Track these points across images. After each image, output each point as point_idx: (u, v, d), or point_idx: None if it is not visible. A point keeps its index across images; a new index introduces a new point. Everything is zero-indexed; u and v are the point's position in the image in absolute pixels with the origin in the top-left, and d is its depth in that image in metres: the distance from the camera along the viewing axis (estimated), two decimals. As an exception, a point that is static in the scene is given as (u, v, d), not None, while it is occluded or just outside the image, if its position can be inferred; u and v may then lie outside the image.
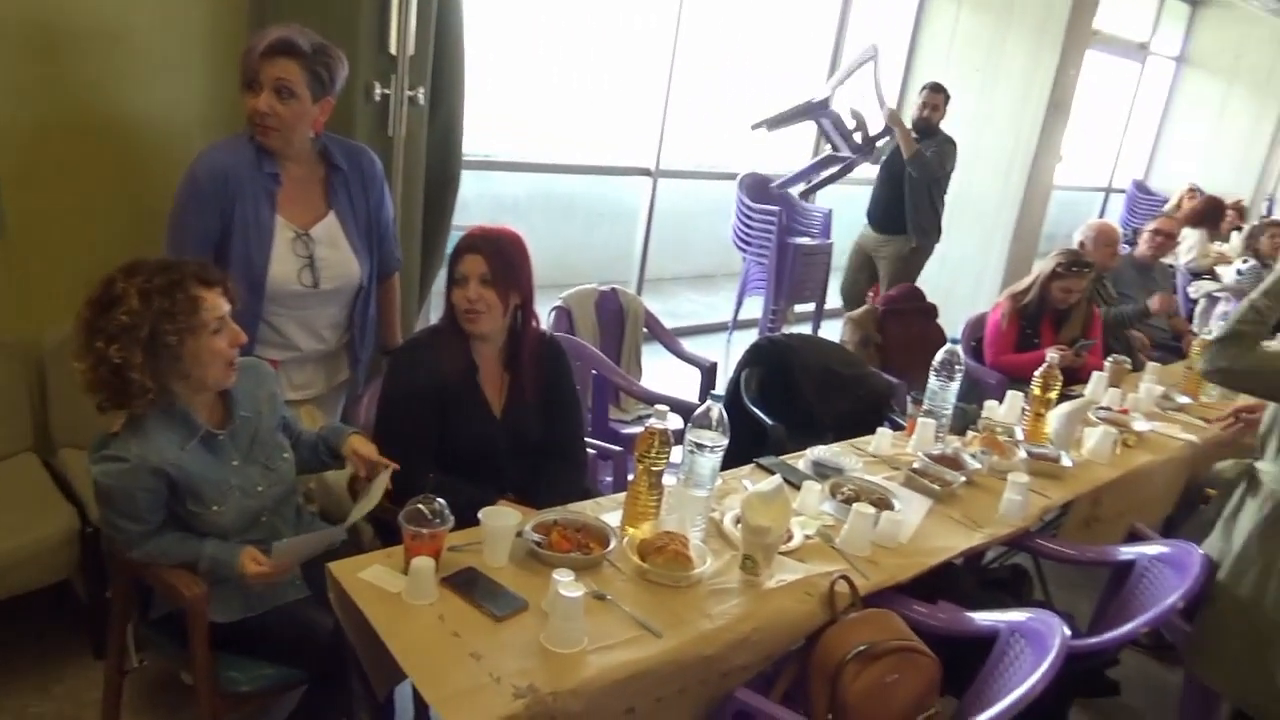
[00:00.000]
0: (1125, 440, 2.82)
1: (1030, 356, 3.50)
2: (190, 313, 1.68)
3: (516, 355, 2.13)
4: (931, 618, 1.88)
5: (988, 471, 2.45)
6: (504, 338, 2.13)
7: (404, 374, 2.09)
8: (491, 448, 2.10)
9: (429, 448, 2.06)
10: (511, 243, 2.05)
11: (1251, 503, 2.13)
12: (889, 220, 5.15)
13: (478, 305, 2.01)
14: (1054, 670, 1.55)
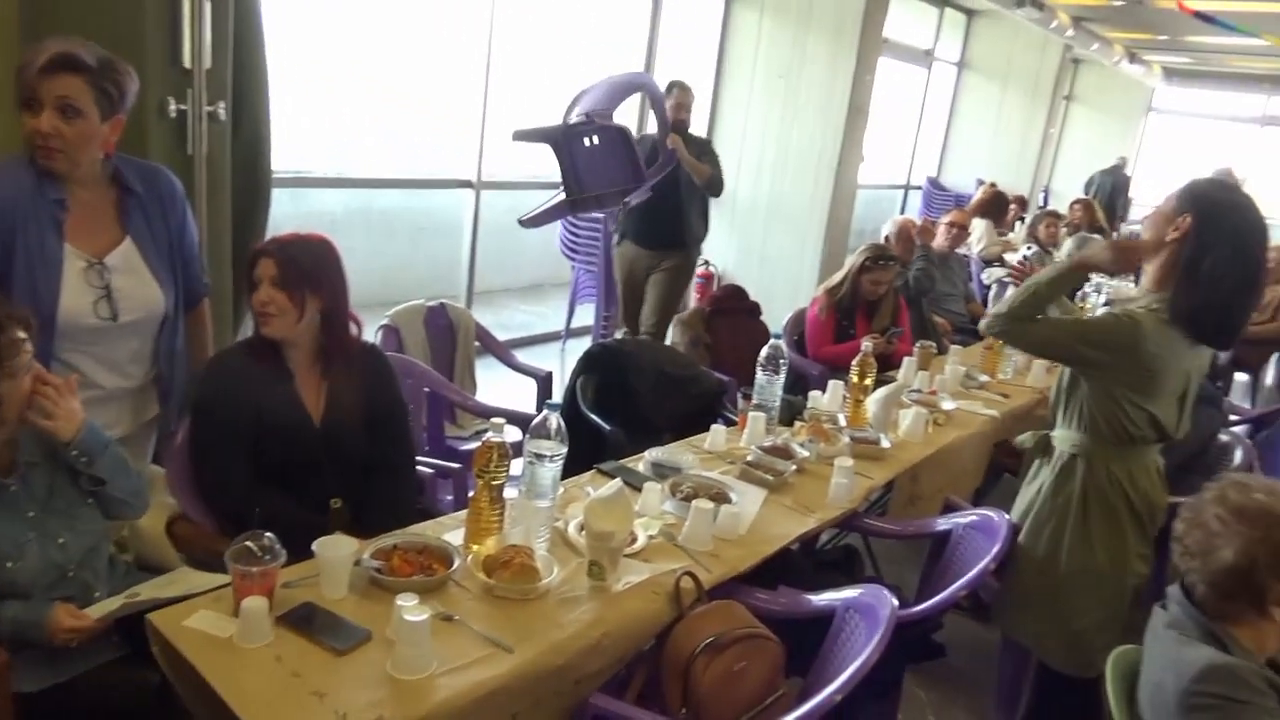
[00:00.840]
0: (935, 419, 3.03)
1: (847, 347, 3.70)
2: (12, 356, 1.55)
3: (331, 362, 2.07)
4: (773, 603, 1.96)
5: (816, 459, 2.57)
6: (315, 343, 2.06)
7: (215, 385, 2.02)
8: (313, 457, 2.04)
9: (245, 458, 1.99)
10: (307, 246, 2.01)
11: (1045, 467, 2.33)
12: (662, 236, 4.76)
13: (269, 308, 1.97)
14: (886, 640, 1.65)
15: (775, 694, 1.76)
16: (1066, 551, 2.24)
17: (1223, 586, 1.52)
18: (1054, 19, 8.27)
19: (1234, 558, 1.50)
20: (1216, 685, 1.42)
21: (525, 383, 3.61)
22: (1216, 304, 2.01)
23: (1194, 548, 1.57)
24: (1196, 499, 1.61)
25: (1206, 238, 1.99)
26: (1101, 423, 2.14)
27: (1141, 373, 2.05)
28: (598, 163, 4.06)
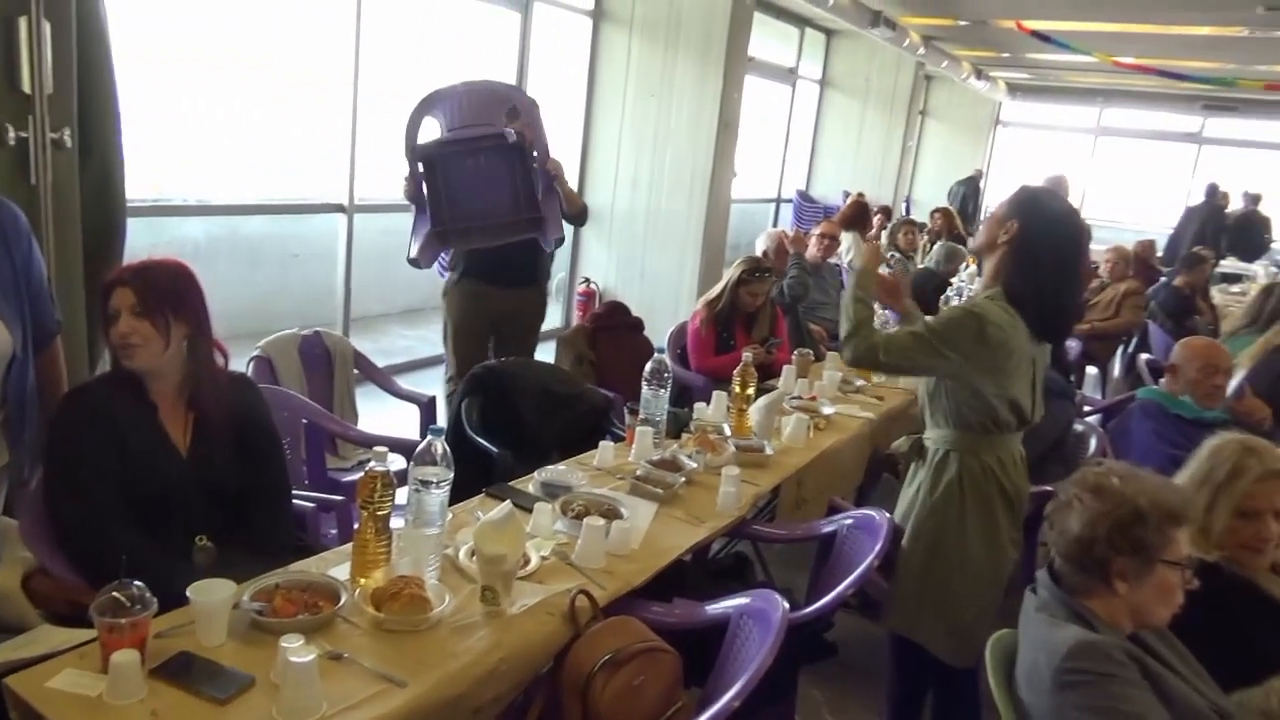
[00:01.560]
0: (816, 424, 3.13)
1: (729, 358, 3.77)
2: None
3: (198, 391, 1.98)
4: (668, 615, 1.97)
5: (704, 469, 2.60)
6: (181, 374, 1.97)
7: (71, 422, 1.90)
8: (181, 491, 1.94)
9: (108, 498, 1.87)
10: (165, 271, 1.92)
11: (921, 469, 2.43)
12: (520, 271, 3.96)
13: (132, 339, 1.87)
14: (779, 643, 1.68)
15: (675, 706, 1.77)
16: (949, 547, 2.31)
17: (1072, 558, 1.62)
18: (906, 38, 8.70)
19: (1079, 529, 1.60)
20: (1084, 661, 1.51)
21: (408, 409, 3.54)
22: (1044, 300, 2.18)
23: (1055, 523, 1.67)
24: (1069, 480, 1.71)
25: (1032, 242, 2.16)
26: (969, 416, 2.25)
27: (994, 357, 2.15)
28: (479, 188, 3.57)
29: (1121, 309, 6.26)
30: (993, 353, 2.15)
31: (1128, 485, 1.62)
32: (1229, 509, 1.93)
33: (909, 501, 2.43)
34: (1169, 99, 12.81)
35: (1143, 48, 8.97)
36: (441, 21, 7.20)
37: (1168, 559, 1.59)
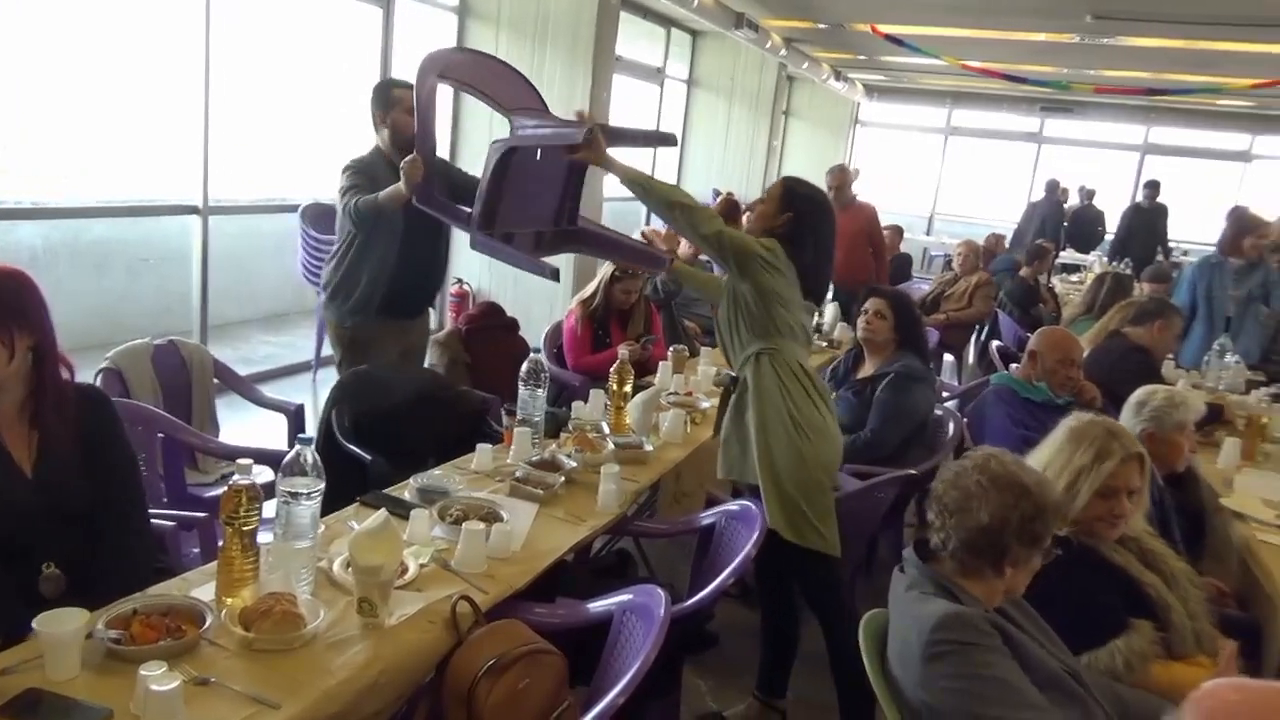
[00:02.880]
0: (693, 418, 3.18)
1: (605, 355, 3.79)
2: None
3: (42, 407, 1.84)
4: (552, 616, 1.97)
5: (583, 468, 2.60)
6: (24, 390, 1.82)
7: None
8: (26, 513, 1.79)
9: None
10: (3, 280, 1.78)
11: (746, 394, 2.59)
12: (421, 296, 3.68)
13: None
14: (663, 637, 1.70)
15: (561, 706, 1.76)
16: (791, 437, 2.49)
17: (973, 544, 1.69)
18: (769, 40, 8.93)
19: (988, 519, 1.67)
20: (950, 632, 1.59)
21: (275, 419, 3.39)
22: (813, 272, 2.61)
23: (952, 506, 1.73)
24: (959, 463, 1.78)
25: (802, 229, 2.57)
26: (773, 325, 2.54)
27: (791, 284, 2.55)
28: (531, 188, 2.88)
29: (974, 299, 6.62)
30: (790, 282, 2.54)
31: (1027, 476, 1.71)
32: (1092, 488, 2.06)
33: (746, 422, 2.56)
34: (1011, 100, 13.61)
35: (986, 52, 9.50)
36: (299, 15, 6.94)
37: (1045, 546, 1.71)
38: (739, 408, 2.61)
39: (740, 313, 2.58)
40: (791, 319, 2.57)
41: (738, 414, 2.61)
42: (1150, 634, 1.97)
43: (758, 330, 2.55)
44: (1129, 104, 12.59)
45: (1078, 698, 1.66)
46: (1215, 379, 4.45)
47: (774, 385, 2.52)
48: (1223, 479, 3.12)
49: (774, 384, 2.52)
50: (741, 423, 2.58)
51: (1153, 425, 2.68)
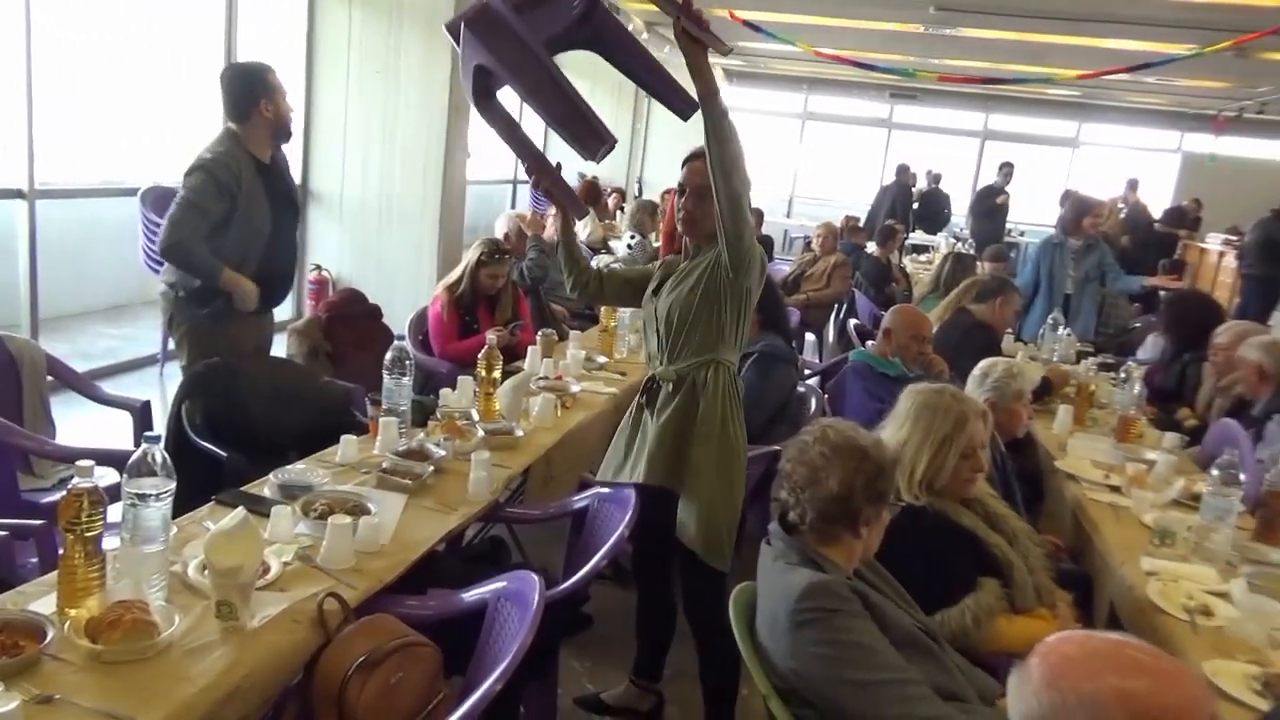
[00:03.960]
0: (563, 403, 3.18)
1: (473, 342, 3.74)
2: None
3: None
4: (424, 608, 1.93)
5: (453, 456, 2.56)
6: None
7: None
8: None
9: None
10: None
11: (678, 394, 2.47)
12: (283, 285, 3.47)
13: None
14: (537, 622, 1.70)
15: (436, 698, 1.74)
16: (731, 455, 2.44)
17: (827, 512, 1.77)
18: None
19: (837, 487, 1.75)
20: (814, 600, 1.66)
21: (118, 416, 3.19)
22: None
23: (802, 481, 1.80)
24: (800, 439, 1.85)
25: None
26: (738, 334, 2.46)
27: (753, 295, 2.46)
28: None
29: (832, 279, 6.87)
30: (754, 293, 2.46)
31: (862, 439, 1.80)
32: (957, 454, 2.18)
33: (687, 432, 2.44)
34: (862, 87, 14.13)
35: (838, 40, 9.82)
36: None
37: (890, 501, 1.82)
38: (684, 411, 2.44)
39: (715, 313, 2.40)
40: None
41: (681, 417, 2.44)
42: (996, 590, 2.11)
43: (725, 336, 2.43)
44: (970, 92, 13.27)
45: (932, 653, 1.76)
46: (1049, 351, 4.77)
47: (726, 398, 2.43)
48: (1057, 443, 3.36)
49: (726, 397, 2.43)
50: (684, 429, 2.44)
51: (994, 395, 2.86)
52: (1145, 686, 1.06)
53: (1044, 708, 1.09)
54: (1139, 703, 1.04)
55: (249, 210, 3.11)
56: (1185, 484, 2.86)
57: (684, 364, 2.44)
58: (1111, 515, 2.71)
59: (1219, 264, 10.26)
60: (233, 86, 3.15)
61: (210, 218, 3.04)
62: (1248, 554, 2.41)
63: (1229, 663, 1.86)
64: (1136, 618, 2.18)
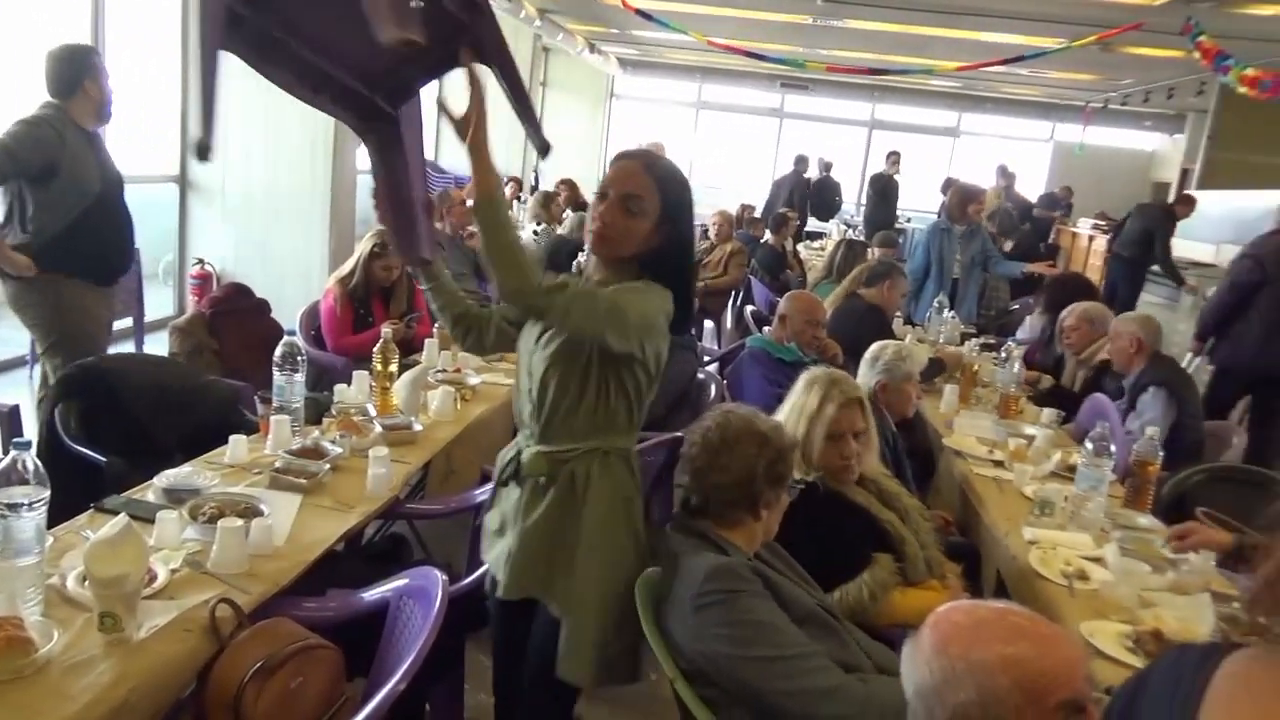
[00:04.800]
0: (463, 395, 3.14)
1: (368, 335, 3.65)
2: None
3: None
4: (323, 610, 1.89)
5: (350, 453, 2.51)
6: None
7: None
8: None
9: None
10: None
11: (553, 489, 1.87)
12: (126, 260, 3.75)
13: None
14: (441, 619, 1.68)
15: (339, 701, 1.70)
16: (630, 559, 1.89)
17: (729, 497, 1.81)
18: (522, 9, 8.87)
19: (738, 472, 1.79)
20: (717, 582, 1.69)
21: (-18, 422, 2.99)
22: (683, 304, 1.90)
23: (704, 467, 1.83)
24: (701, 425, 1.88)
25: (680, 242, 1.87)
26: (639, 413, 1.91)
27: None
28: None
29: (728, 267, 6.97)
30: None
31: (761, 424, 1.84)
32: (822, 433, 2.26)
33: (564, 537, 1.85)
34: (754, 77, 14.36)
35: (730, 29, 9.95)
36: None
37: (790, 483, 1.87)
38: (564, 510, 1.84)
39: (603, 394, 1.81)
40: None
41: (556, 518, 1.84)
42: (890, 565, 2.20)
43: (616, 420, 1.84)
44: (857, 83, 13.65)
45: (832, 629, 1.82)
46: (936, 333, 4.96)
47: (622, 491, 1.87)
48: (944, 421, 3.50)
49: (622, 489, 1.88)
50: (561, 533, 1.84)
51: (885, 377, 2.96)
52: (1027, 651, 1.13)
53: (935, 675, 1.15)
54: (1021, 668, 1.11)
55: (74, 169, 3.26)
56: (1062, 457, 3.02)
57: (564, 451, 1.83)
58: (995, 489, 2.84)
59: (1089, 247, 10.84)
60: (58, 65, 3.28)
61: (22, 166, 3.18)
62: (1119, 520, 2.57)
63: (1104, 623, 1.97)
64: (1020, 585, 2.29)
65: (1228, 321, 4.81)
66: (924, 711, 1.17)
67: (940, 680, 1.15)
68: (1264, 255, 4.71)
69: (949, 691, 1.14)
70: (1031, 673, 1.11)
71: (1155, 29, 6.94)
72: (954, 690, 1.13)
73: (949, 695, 1.14)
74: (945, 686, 1.14)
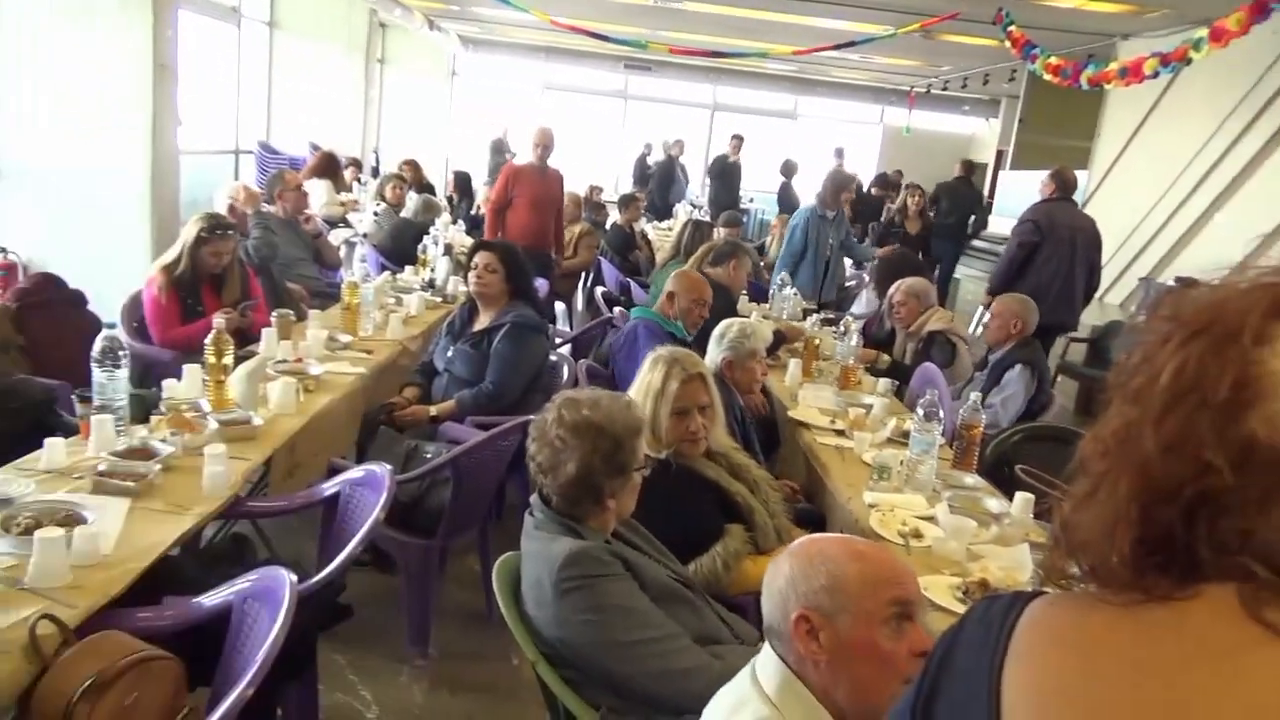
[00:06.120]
0: (306, 386, 3.01)
1: (198, 326, 3.45)
2: None
3: None
4: (159, 619, 1.79)
5: (183, 452, 2.37)
6: None
7: None
8: None
9: None
10: None
11: None
12: None
13: None
14: (290, 619, 1.61)
15: (181, 714, 1.62)
16: None
17: (570, 494, 1.81)
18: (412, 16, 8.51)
19: (575, 469, 1.79)
20: (576, 568, 1.70)
21: None
22: None
23: (544, 465, 1.82)
24: (540, 419, 1.87)
25: None
26: None
27: None
28: None
29: (579, 249, 6.97)
30: None
31: (598, 414, 1.83)
32: (668, 410, 2.30)
33: None
34: (599, 58, 14.36)
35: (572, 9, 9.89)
36: None
37: (637, 467, 1.87)
38: None
39: None
40: None
41: None
42: (741, 535, 2.27)
43: None
44: (698, 65, 13.87)
45: (690, 602, 1.87)
46: (779, 310, 5.14)
47: None
48: (789, 394, 3.64)
49: None
50: None
51: (731, 354, 3.05)
52: (870, 552, 1.35)
53: (792, 572, 1.31)
54: (866, 561, 1.31)
55: None
56: (897, 423, 3.20)
57: None
58: (838, 457, 2.97)
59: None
60: None
61: None
62: (949, 481, 2.75)
63: (937, 577, 2.11)
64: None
65: (1015, 277, 5.47)
66: (780, 609, 1.30)
67: (797, 574, 1.30)
68: (1039, 218, 5.49)
69: (802, 581, 1.29)
70: (873, 567, 1.30)
71: (971, 18, 7.39)
72: (807, 580, 1.29)
73: (802, 585, 1.29)
74: (800, 577, 1.29)
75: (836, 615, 1.26)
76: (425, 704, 2.70)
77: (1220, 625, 0.58)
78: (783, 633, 1.29)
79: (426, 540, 2.77)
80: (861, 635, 1.26)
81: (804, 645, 1.26)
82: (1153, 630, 0.61)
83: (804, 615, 1.26)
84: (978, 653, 0.68)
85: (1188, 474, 0.60)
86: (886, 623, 1.27)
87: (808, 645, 1.26)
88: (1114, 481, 0.64)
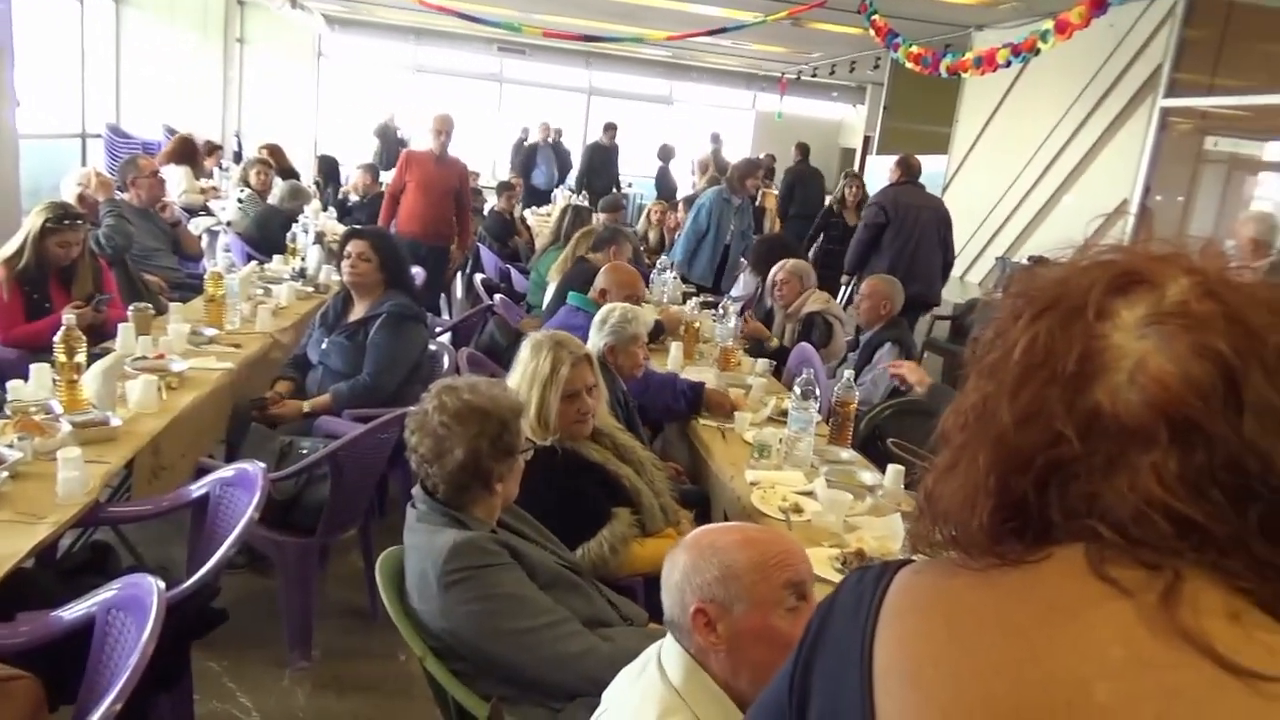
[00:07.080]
0: (169, 383, 2.87)
1: (45, 323, 3.24)
2: None
3: None
4: (14, 636, 1.67)
5: (33, 457, 2.22)
6: None
7: None
8: None
9: None
10: None
11: None
12: None
13: None
14: (159, 629, 1.54)
15: (40, 735, 1.52)
16: None
17: (459, 481, 1.78)
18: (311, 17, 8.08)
19: (463, 455, 1.76)
20: (462, 559, 1.68)
21: None
22: None
23: (428, 454, 1.79)
24: (420, 409, 1.83)
25: None
26: None
27: None
28: None
29: (457, 235, 6.83)
30: None
31: (480, 399, 1.82)
32: (558, 395, 2.29)
33: None
34: (472, 40, 14.07)
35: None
36: None
37: (521, 449, 1.86)
38: None
39: None
40: None
41: None
42: (628, 518, 2.29)
43: None
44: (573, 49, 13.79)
45: (578, 587, 1.88)
46: (659, 294, 5.19)
47: None
48: (672, 378, 3.68)
49: None
50: None
51: (613, 339, 3.06)
52: (761, 538, 1.37)
53: (687, 565, 1.33)
54: (756, 548, 1.33)
55: None
56: (776, 403, 3.28)
57: None
58: (719, 437, 3.04)
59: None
60: None
61: None
62: (826, 456, 2.84)
63: (817, 549, 2.18)
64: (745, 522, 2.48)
65: (867, 256, 5.89)
66: (678, 603, 1.33)
67: (690, 567, 1.32)
68: (885, 202, 5.86)
69: (695, 574, 1.31)
70: (764, 553, 1.32)
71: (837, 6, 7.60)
72: (700, 572, 1.31)
73: (695, 577, 1.31)
74: (693, 570, 1.32)
75: (732, 605, 1.29)
76: (309, 707, 2.62)
77: (1069, 584, 0.62)
78: (683, 626, 1.32)
79: (305, 539, 2.68)
80: (758, 621, 1.29)
81: (704, 637, 1.29)
82: (1009, 592, 0.64)
83: (700, 609, 1.29)
84: (850, 621, 0.71)
85: (1040, 444, 0.63)
86: (781, 605, 1.30)
87: (707, 636, 1.29)
88: (973, 453, 0.67)
